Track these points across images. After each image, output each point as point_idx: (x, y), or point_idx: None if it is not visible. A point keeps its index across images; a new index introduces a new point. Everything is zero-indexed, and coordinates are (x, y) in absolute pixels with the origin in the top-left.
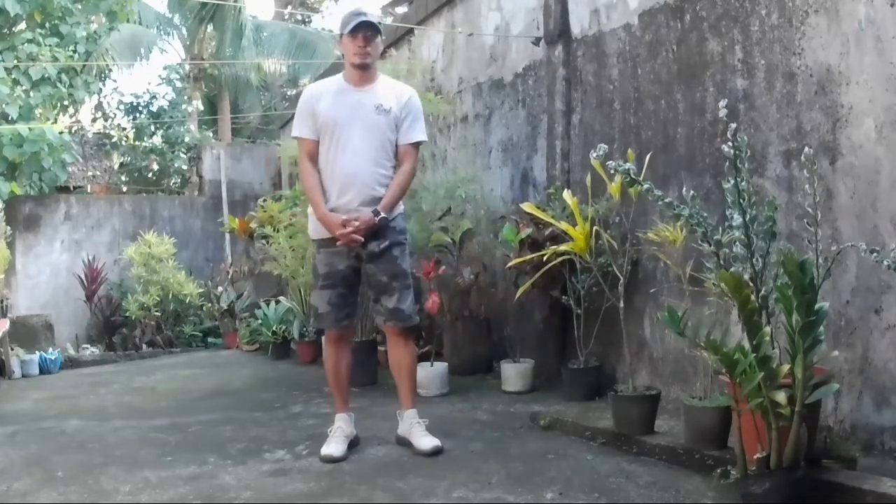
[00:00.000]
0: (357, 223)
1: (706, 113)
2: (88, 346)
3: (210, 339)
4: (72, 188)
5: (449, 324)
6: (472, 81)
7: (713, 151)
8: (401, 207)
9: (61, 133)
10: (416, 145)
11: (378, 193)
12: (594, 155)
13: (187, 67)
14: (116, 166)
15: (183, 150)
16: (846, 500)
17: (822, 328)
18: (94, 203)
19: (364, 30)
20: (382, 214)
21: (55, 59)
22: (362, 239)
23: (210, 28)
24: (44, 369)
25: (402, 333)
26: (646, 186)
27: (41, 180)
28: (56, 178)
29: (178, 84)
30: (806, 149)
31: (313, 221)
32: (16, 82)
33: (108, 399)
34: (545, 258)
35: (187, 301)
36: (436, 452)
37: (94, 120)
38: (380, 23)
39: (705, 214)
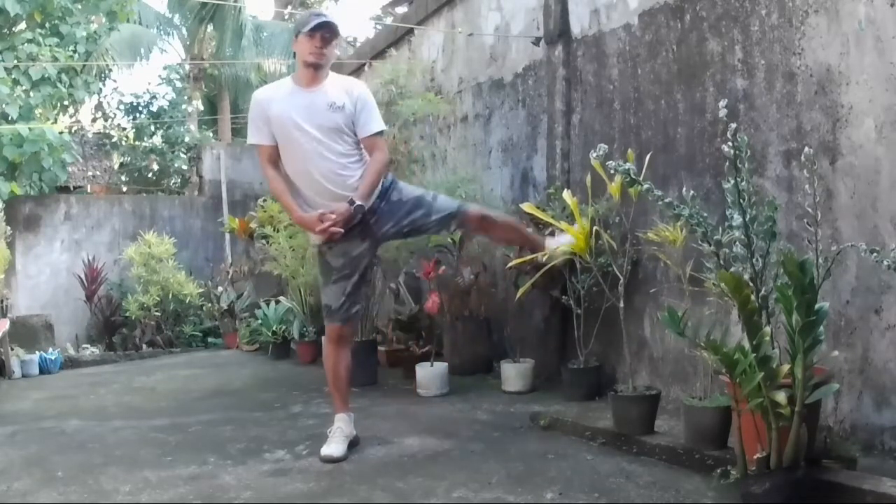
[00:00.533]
0: (334, 215)
1: (706, 113)
2: (88, 346)
3: (210, 339)
4: (72, 188)
5: (449, 324)
6: (472, 81)
7: (713, 151)
8: (390, 178)
9: (61, 133)
10: (379, 134)
11: (350, 189)
12: (594, 155)
13: (187, 67)
14: (116, 166)
15: (183, 150)
16: (846, 500)
17: (822, 328)
18: (94, 203)
19: (323, 30)
20: (358, 202)
21: (55, 59)
22: (342, 230)
23: (210, 28)
24: (44, 369)
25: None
26: (646, 186)
27: (41, 180)
28: (56, 178)
29: (178, 84)
30: (806, 149)
31: None
32: (16, 82)
33: (108, 399)
34: (545, 258)
35: (187, 301)
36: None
37: (94, 120)
38: (338, 27)
39: (705, 214)
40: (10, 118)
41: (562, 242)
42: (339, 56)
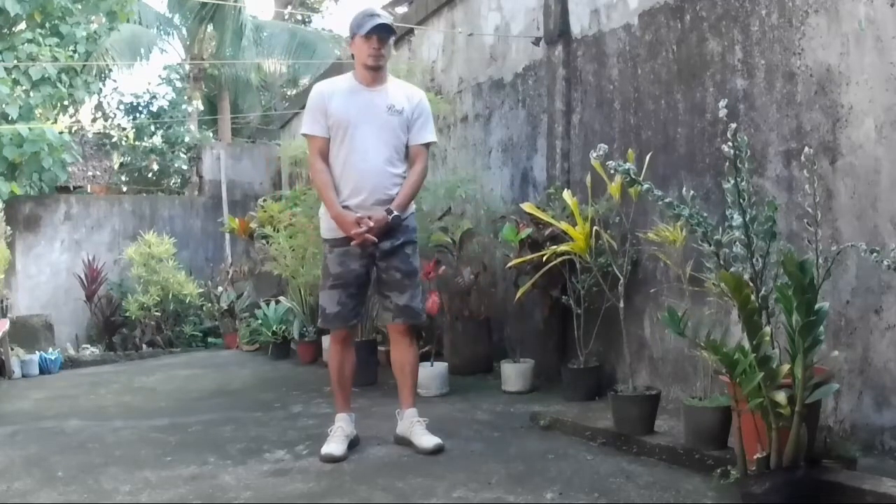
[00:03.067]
0: (371, 222)
1: (706, 113)
2: (88, 346)
3: (210, 339)
4: (72, 188)
5: (449, 324)
6: (472, 81)
7: (713, 151)
8: (413, 207)
9: (61, 133)
10: (427, 146)
11: (391, 193)
12: (594, 155)
13: (187, 67)
14: (116, 166)
15: (183, 150)
16: (846, 500)
17: (822, 328)
18: (94, 203)
19: (379, 32)
20: (396, 213)
21: (55, 59)
22: (376, 239)
23: (210, 28)
24: (44, 369)
25: (408, 332)
26: (646, 186)
27: (41, 180)
28: (56, 178)
29: (178, 84)
30: (806, 149)
31: (326, 220)
32: (16, 82)
33: (108, 399)
34: (545, 258)
35: (187, 301)
36: (437, 451)
37: (94, 120)
38: (393, 24)
39: (705, 214)
40: (10, 118)
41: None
42: (338, 56)
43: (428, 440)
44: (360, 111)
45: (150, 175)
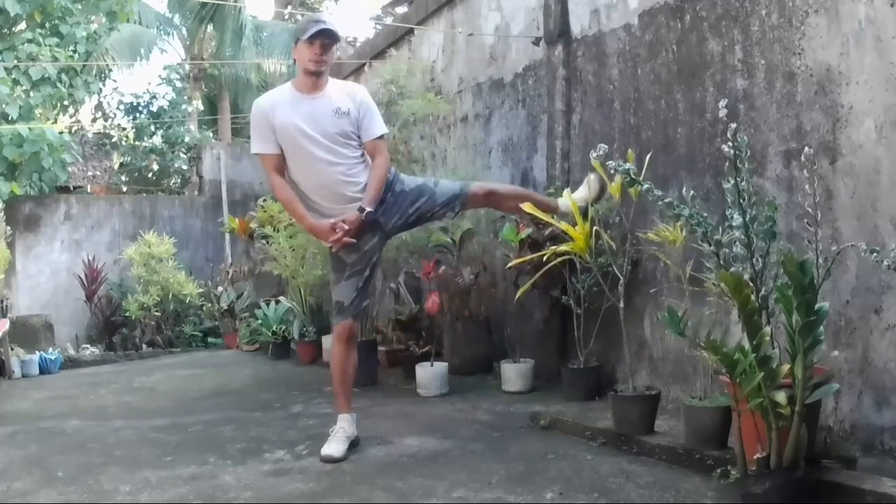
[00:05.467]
0: (346, 226)
1: (706, 113)
2: (88, 346)
3: (210, 339)
4: (72, 188)
5: (449, 324)
6: (472, 81)
7: (713, 151)
8: (392, 174)
9: (61, 133)
10: (381, 138)
11: (356, 192)
12: (594, 155)
13: (187, 67)
14: (116, 166)
15: (183, 150)
16: (846, 500)
17: (822, 328)
18: (94, 203)
19: (322, 37)
20: (368, 209)
21: (55, 59)
22: (355, 241)
23: (210, 28)
24: (44, 369)
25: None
26: (646, 186)
27: (41, 180)
28: (56, 178)
29: (178, 84)
30: (806, 149)
31: None
32: (16, 82)
33: (108, 399)
34: (545, 258)
35: (187, 301)
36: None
37: (94, 120)
38: (337, 32)
39: (705, 214)
40: (10, 118)
41: (574, 199)
42: (339, 57)
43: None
44: (306, 121)
45: (150, 175)
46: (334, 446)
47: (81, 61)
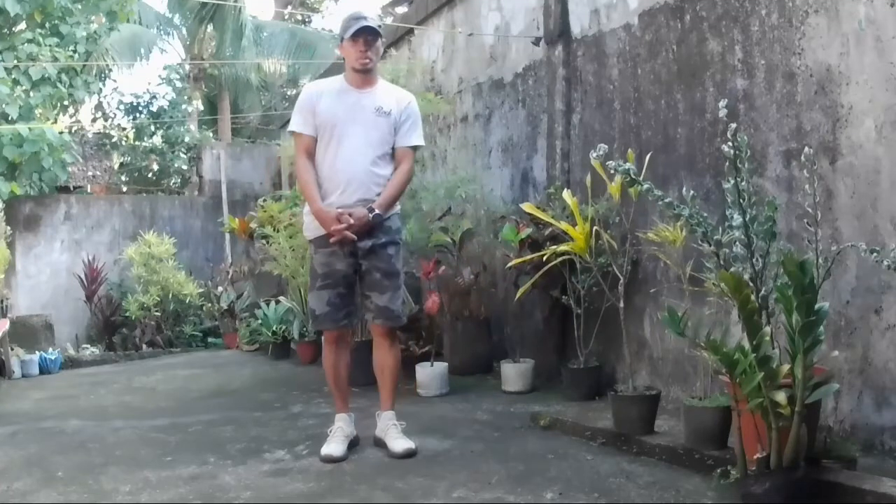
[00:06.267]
0: (351, 219)
1: (706, 113)
2: (88, 346)
3: (210, 339)
4: (72, 188)
5: (449, 324)
6: (472, 81)
7: (713, 151)
8: (397, 207)
9: (61, 133)
10: (414, 149)
11: (375, 194)
12: (594, 155)
13: (187, 67)
14: (116, 166)
15: (183, 150)
16: (846, 500)
17: (822, 328)
18: (94, 203)
19: (365, 34)
20: (377, 212)
21: (55, 59)
22: (355, 237)
23: (210, 28)
24: (44, 369)
25: (389, 334)
26: (646, 186)
27: (41, 180)
28: (56, 178)
29: (178, 84)
30: (806, 149)
31: (309, 219)
32: (16, 82)
33: (108, 399)
34: (545, 258)
35: (187, 301)
36: (408, 455)
37: (94, 120)
38: (380, 25)
39: (705, 214)
40: (10, 118)
41: None
42: (338, 56)
43: (400, 444)
44: (347, 112)
45: (150, 175)
46: (334, 446)
47: (81, 61)
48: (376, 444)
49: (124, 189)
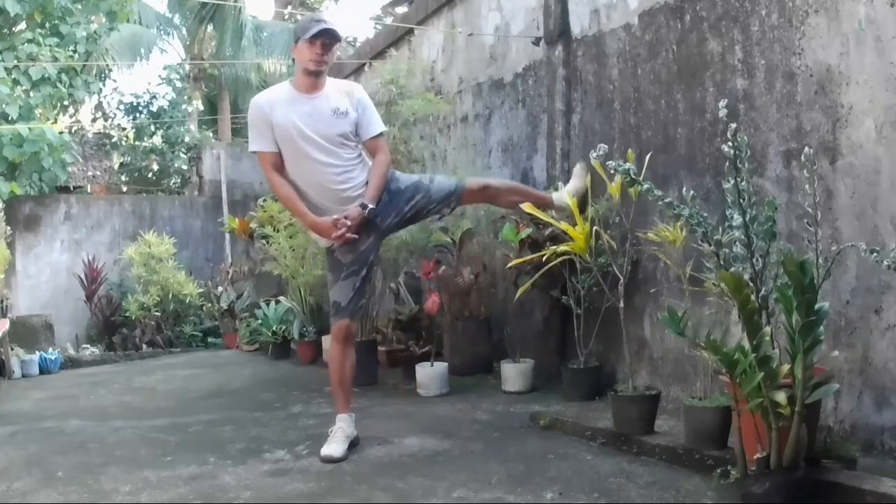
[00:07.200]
0: (348, 221)
1: (706, 113)
2: (88, 346)
3: (210, 339)
4: (72, 188)
5: (449, 324)
6: (472, 81)
7: (713, 151)
8: (390, 174)
9: (61, 133)
10: (380, 136)
11: (355, 193)
12: (594, 155)
13: (187, 67)
14: (116, 166)
15: (183, 150)
16: (846, 500)
17: (822, 328)
18: (94, 203)
19: (323, 37)
20: (370, 206)
21: (55, 59)
22: (357, 236)
23: (210, 28)
24: (44, 369)
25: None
26: (646, 186)
27: (41, 180)
28: (56, 178)
29: (178, 84)
30: (806, 149)
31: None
32: (16, 82)
33: (108, 399)
34: (545, 258)
35: (187, 301)
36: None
37: (94, 120)
38: (338, 32)
39: (705, 214)
40: (10, 118)
41: (567, 191)
42: (339, 56)
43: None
44: (304, 120)
45: (150, 175)
46: (334, 446)
47: (81, 61)
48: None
49: (124, 189)
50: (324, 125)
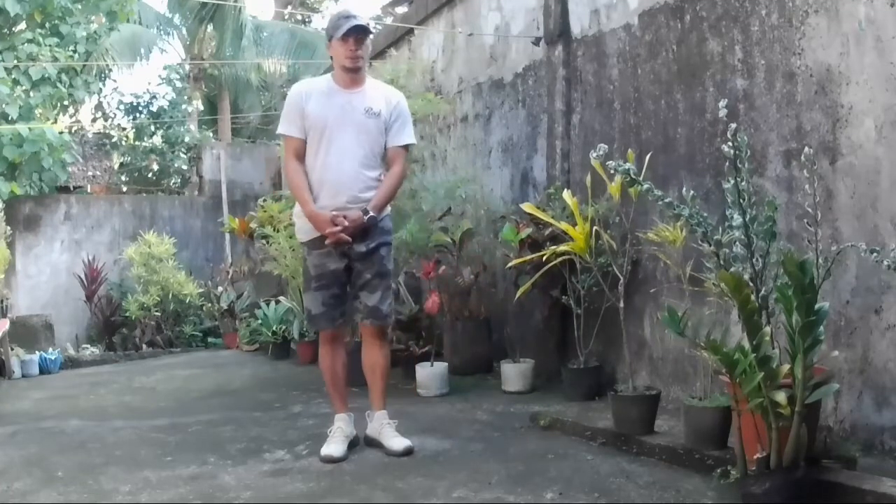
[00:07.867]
0: (346, 221)
1: (706, 113)
2: (88, 346)
3: (210, 339)
4: (72, 188)
5: (449, 324)
6: (472, 81)
7: (713, 151)
8: (388, 209)
9: (61, 133)
10: (406, 148)
11: (366, 196)
12: (594, 155)
13: (187, 67)
14: (116, 166)
15: (183, 150)
16: (846, 500)
17: (822, 328)
18: (94, 203)
19: (355, 33)
20: (371, 214)
21: (55, 59)
22: (350, 239)
23: (210, 28)
24: (44, 369)
25: (378, 334)
26: (646, 186)
27: (41, 180)
28: (56, 178)
29: (178, 84)
30: (806, 149)
31: (301, 222)
32: (16, 82)
33: (108, 399)
34: (545, 258)
35: (187, 301)
36: (407, 453)
37: (94, 120)
38: (369, 24)
39: (705, 214)
40: (10, 118)
41: None
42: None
43: (398, 442)
44: (336, 114)
45: (150, 175)
46: (334, 447)
47: (81, 61)
48: (368, 444)
49: (124, 189)
50: (354, 121)
